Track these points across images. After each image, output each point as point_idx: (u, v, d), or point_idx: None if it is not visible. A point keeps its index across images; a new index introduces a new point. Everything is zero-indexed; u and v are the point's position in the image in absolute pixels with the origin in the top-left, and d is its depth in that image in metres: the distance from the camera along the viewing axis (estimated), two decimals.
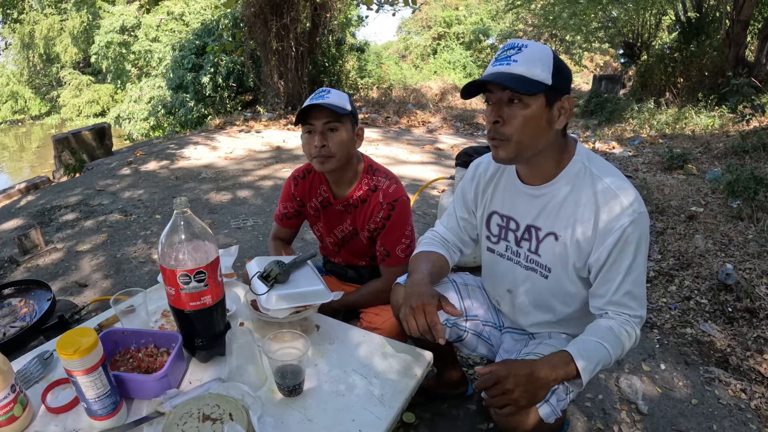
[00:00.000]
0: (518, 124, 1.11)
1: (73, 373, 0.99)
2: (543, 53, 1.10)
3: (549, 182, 1.23)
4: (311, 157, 1.57)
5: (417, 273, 1.32)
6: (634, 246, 1.14)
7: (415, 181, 4.87)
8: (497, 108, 1.13)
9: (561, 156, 1.22)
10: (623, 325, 1.17)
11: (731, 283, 2.59)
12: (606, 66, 19.63)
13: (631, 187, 1.17)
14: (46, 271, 3.11)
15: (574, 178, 1.21)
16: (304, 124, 1.55)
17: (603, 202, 1.16)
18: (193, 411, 0.98)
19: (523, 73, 1.08)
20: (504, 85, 1.09)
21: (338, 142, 1.53)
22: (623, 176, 1.20)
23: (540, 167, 1.23)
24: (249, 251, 3.29)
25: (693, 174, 4.65)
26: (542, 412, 1.14)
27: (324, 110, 1.50)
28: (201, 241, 1.15)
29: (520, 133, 1.12)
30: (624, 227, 1.13)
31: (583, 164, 1.21)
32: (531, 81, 1.08)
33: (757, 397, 1.96)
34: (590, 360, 1.10)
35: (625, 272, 1.15)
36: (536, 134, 1.13)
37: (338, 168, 1.59)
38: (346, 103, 1.54)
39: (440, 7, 21.97)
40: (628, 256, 1.15)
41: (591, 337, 1.14)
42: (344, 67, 11.66)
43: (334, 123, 1.52)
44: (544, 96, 1.10)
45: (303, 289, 1.34)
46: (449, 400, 1.88)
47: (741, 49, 8.53)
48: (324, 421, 1.09)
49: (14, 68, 21.58)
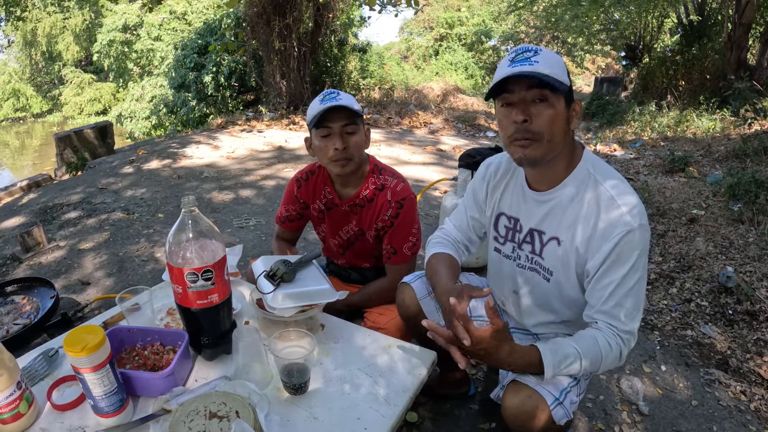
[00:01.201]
0: (549, 121, 1.11)
1: (81, 371, 1.00)
2: (557, 57, 1.13)
3: (555, 187, 1.24)
4: (330, 160, 1.55)
5: (443, 282, 1.33)
6: (630, 257, 1.12)
7: (417, 182, 4.88)
8: (523, 107, 1.12)
9: (570, 160, 1.22)
10: (609, 338, 1.14)
11: (732, 286, 2.60)
12: (608, 68, 19.65)
13: (635, 197, 1.16)
14: (49, 268, 3.11)
15: (579, 183, 1.21)
16: (320, 127, 1.53)
17: (604, 209, 1.15)
18: (200, 409, 0.99)
19: (549, 73, 1.08)
20: (535, 82, 1.09)
21: (356, 143, 1.54)
22: (628, 185, 1.20)
23: (551, 170, 1.23)
24: (252, 251, 3.30)
25: (694, 177, 4.66)
26: (556, 415, 1.13)
27: (341, 112, 1.50)
28: (208, 240, 1.16)
29: (551, 131, 1.12)
30: (621, 235, 1.12)
31: (588, 170, 1.21)
32: (558, 80, 1.09)
33: (757, 399, 1.97)
34: (559, 364, 1.12)
35: (618, 283, 1.13)
36: (562, 134, 1.15)
37: (355, 169, 1.59)
38: (355, 102, 1.55)
39: (442, 9, 21.97)
40: (622, 266, 1.13)
41: (570, 342, 1.14)
42: (346, 68, 11.66)
43: (352, 125, 1.52)
44: (563, 97, 1.12)
45: (309, 288, 1.35)
46: (452, 399, 1.89)
47: (743, 52, 8.54)
48: (329, 419, 1.10)
49: (16, 66, 21.60)
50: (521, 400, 1.15)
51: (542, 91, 1.10)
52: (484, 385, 2.00)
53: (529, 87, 1.10)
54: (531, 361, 1.12)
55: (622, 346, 1.15)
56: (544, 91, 1.10)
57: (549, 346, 1.14)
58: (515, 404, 1.15)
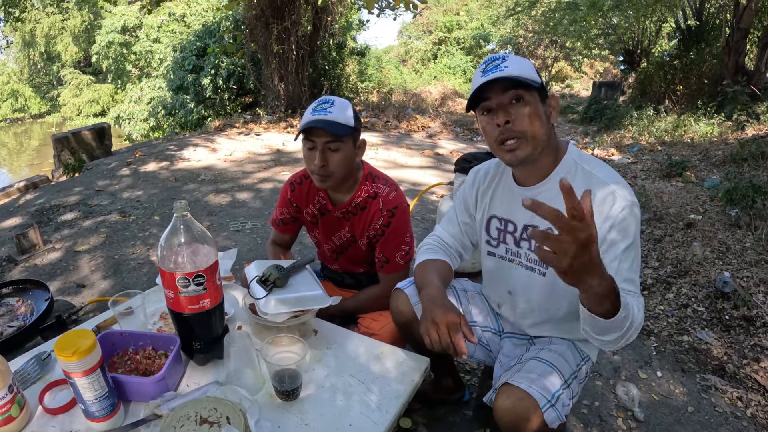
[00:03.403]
0: (528, 119, 1.17)
1: (71, 375, 1.00)
2: (524, 60, 1.21)
3: (543, 180, 1.27)
4: (311, 172, 1.58)
5: (431, 286, 1.32)
6: (627, 231, 1.15)
7: (414, 186, 4.87)
8: (503, 110, 1.17)
9: (556, 154, 1.26)
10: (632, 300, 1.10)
11: (728, 291, 2.60)
12: (606, 73, 19.70)
13: (622, 180, 1.21)
14: (44, 270, 3.10)
15: (567, 173, 1.24)
16: (305, 138, 1.54)
17: (596, 192, 1.18)
18: (191, 414, 0.98)
19: (519, 74, 1.14)
20: (508, 85, 1.15)
21: (338, 161, 1.53)
22: (613, 170, 1.24)
23: (538, 166, 1.26)
24: (248, 254, 3.29)
25: (691, 181, 4.67)
26: (548, 417, 1.12)
27: (326, 128, 1.48)
28: (200, 245, 1.15)
29: (532, 128, 1.17)
30: (618, 212, 1.15)
31: (574, 161, 1.25)
32: (529, 78, 1.15)
33: (754, 405, 1.97)
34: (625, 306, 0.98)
35: (620, 258, 1.15)
36: (543, 128, 1.19)
37: (337, 184, 1.60)
38: (348, 115, 1.52)
39: (441, 12, 22.03)
40: (622, 241, 1.15)
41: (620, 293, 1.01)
42: (345, 71, 11.68)
43: (336, 143, 1.51)
44: (537, 93, 1.18)
45: (301, 293, 1.35)
46: (446, 405, 1.88)
47: (741, 57, 8.57)
48: (321, 425, 1.09)
49: (15, 66, 21.61)
50: (513, 402, 1.14)
51: (517, 92, 1.16)
52: (478, 391, 1.99)
53: (504, 90, 1.16)
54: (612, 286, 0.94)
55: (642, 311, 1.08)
56: (518, 91, 1.16)
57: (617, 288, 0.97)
58: (507, 407, 1.15)
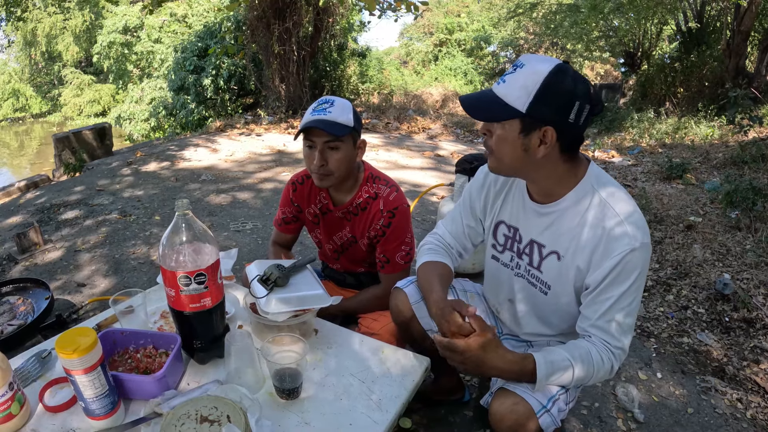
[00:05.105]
0: (495, 140, 1.15)
1: (72, 373, 1.00)
2: (530, 78, 1.06)
3: (557, 200, 1.22)
4: (311, 171, 1.59)
5: (435, 292, 1.31)
6: (630, 275, 1.12)
7: (415, 187, 4.87)
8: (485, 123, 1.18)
9: (566, 179, 1.20)
10: (602, 352, 1.15)
11: (728, 293, 2.60)
12: (606, 75, 19.69)
13: (639, 215, 1.15)
14: (45, 269, 3.10)
15: (582, 199, 1.19)
16: (305, 137, 1.55)
17: (607, 226, 1.14)
18: (191, 412, 0.98)
19: (502, 97, 1.10)
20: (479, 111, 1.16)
21: (338, 161, 1.53)
22: (632, 201, 1.18)
23: (541, 186, 1.24)
24: (248, 254, 3.29)
25: (692, 184, 4.67)
26: (543, 423, 1.13)
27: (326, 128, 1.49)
28: (202, 243, 1.15)
29: (498, 150, 1.16)
30: (624, 254, 1.11)
31: (591, 186, 1.18)
32: (504, 106, 1.09)
33: (753, 407, 1.97)
34: (551, 374, 1.12)
35: (616, 299, 1.14)
36: (513, 156, 1.14)
37: (337, 183, 1.60)
38: (348, 116, 1.52)
39: (442, 14, 22.04)
40: (622, 284, 1.13)
41: (564, 353, 1.14)
42: (345, 72, 11.69)
43: (335, 142, 1.51)
44: (519, 122, 1.10)
45: (302, 293, 1.35)
46: (446, 405, 1.88)
47: (741, 59, 8.58)
48: (321, 424, 1.09)
49: (16, 66, 21.62)
50: (508, 407, 1.15)
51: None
52: (478, 392, 1.99)
53: None
54: (524, 371, 1.12)
55: (614, 361, 1.16)
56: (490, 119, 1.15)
57: (543, 354, 1.13)
58: (502, 411, 1.16)
